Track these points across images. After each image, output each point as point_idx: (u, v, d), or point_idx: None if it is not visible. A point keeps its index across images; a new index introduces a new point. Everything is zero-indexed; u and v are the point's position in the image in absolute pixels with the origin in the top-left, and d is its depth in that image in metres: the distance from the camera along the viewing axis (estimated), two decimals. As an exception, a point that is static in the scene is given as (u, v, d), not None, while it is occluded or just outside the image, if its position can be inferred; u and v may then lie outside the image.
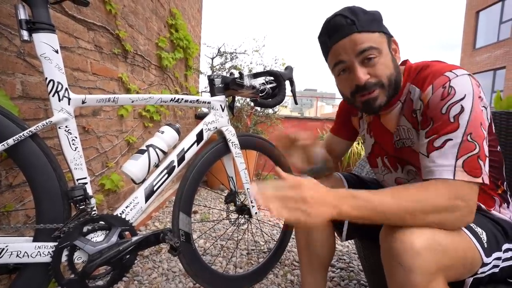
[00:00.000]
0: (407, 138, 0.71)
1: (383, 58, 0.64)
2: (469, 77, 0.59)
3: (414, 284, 0.51)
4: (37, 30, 0.67)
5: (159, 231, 0.84)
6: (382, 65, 0.64)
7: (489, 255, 0.59)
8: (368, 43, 0.63)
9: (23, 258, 0.65)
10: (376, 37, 0.64)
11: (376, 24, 0.64)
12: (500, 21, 10.75)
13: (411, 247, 0.51)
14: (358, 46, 0.63)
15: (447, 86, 0.58)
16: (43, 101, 0.93)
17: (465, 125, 0.55)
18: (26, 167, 0.67)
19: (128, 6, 1.48)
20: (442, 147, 0.56)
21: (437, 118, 0.58)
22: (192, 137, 0.96)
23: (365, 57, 0.63)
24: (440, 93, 0.59)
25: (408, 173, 0.74)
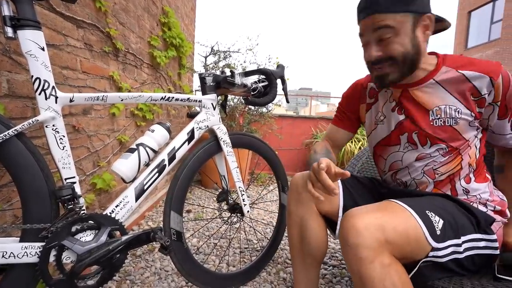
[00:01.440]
0: (451, 117, 0.75)
1: (399, 37, 0.69)
2: None
3: (361, 258, 0.60)
4: (22, 27, 0.66)
5: (149, 230, 0.84)
6: (396, 44, 0.70)
7: (440, 241, 0.65)
8: (385, 22, 0.69)
9: (9, 259, 0.64)
10: (397, 17, 0.68)
11: (402, 4, 0.68)
12: (491, 21, 10.91)
13: (353, 228, 0.62)
14: (375, 25, 0.70)
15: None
16: (30, 100, 0.91)
17: None
18: (12, 166, 0.66)
19: (119, 4, 1.46)
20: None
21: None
22: (183, 135, 0.96)
23: (379, 36, 0.71)
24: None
25: (437, 150, 0.78)
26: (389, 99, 0.86)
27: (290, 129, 3.57)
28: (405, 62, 0.72)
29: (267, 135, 3.29)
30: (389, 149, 0.88)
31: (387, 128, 0.87)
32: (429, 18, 0.71)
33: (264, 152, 1.25)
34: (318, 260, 0.94)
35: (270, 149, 1.27)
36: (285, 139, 3.47)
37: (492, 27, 10.85)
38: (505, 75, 0.71)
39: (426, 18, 0.70)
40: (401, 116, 0.83)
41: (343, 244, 0.64)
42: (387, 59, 0.72)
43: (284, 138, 3.44)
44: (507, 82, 0.72)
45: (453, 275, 0.69)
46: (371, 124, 0.92)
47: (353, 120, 0.98)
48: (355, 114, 0.97)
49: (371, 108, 0.91)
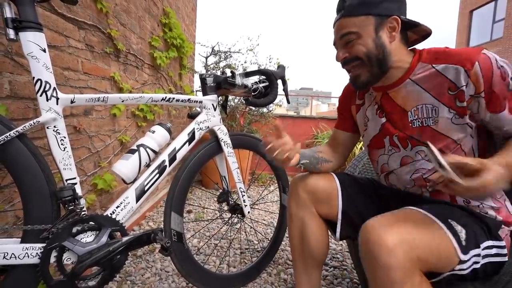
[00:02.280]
0: (428, 117, 0.73)
1: (362, 39, 0.72)
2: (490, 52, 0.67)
3: (393, 281, 0.55)
4: (24, 29, 0.66)
5: (150, 231, 0.84)
6: (359, 45, 0.73)
7: (466, 252, 0.61)
8: (347, 28, 0.73)
9: (11, 260, 0.64)
10: (359, 21, 0.72)
11: (364, 8, 0.71)
12: (493, 20, 10.87)
13: (384, 246, 0.56)
14: (340, 32, 0.75)
15: (499, 66, 0.65)
16: (32, 101, 0.92)
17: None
18: (13, 167, 0.66)
19: (120, 5, 1.46)
20: None
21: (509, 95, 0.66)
22: (184, 136, 0.96)
23: (344, 41, 0.75)
24: (499, 74, 0.65)
25: (417, 153, 0.76)
26: (372, 102, 0.86)
27: (291, 129, 3.56)
28: (371, 62, 0.73)
29: (267, 135, 3.28)
30: (377, 152, 0.88)
31: (373, 131, 0.87)
32: (395, 20, 0.72)
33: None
34: (319, 261, 0.94)
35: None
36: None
37: (494, 26, 10.81)
38: (483, 61, 0.65)
39: (392, 20, 0.72)
40: (382, 119, 0.82)
41: (371, 261, 0.58)
42: (353, 60, 0.75)
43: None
44: (487, 69, 0.65)
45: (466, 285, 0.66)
46: (362, 125, 0.92)
47: (350, 120, 0.97)
48: (350, 114, 0.97)
49: (360, 110, 0.91)
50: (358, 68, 0.76)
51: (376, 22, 0.71)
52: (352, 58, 0.75)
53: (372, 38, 0.72)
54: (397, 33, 0.73)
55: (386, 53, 0.73)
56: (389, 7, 0.71)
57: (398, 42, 0.74)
